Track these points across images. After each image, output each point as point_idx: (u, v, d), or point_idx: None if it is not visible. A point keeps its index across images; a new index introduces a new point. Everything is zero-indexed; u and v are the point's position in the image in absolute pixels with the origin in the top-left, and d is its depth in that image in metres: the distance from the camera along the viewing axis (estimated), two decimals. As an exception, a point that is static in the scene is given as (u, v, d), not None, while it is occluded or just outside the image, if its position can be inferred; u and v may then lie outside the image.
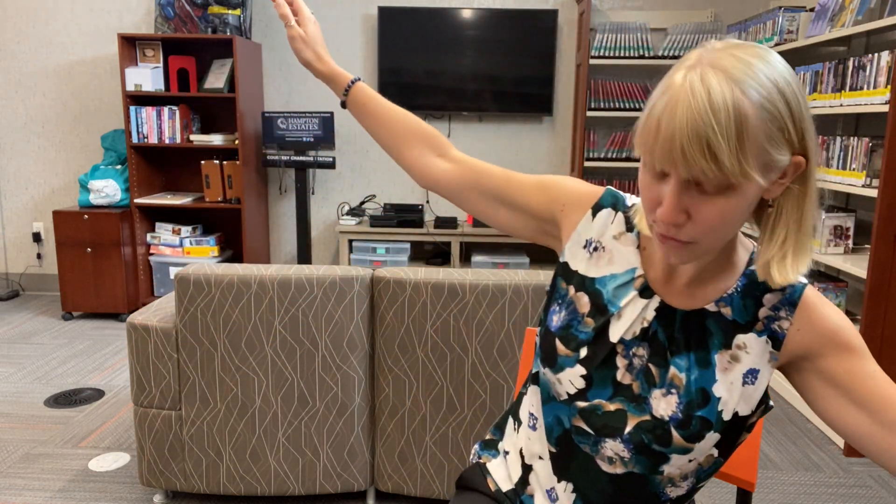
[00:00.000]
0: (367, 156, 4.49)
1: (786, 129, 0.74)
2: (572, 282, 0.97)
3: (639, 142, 0.78)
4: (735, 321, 0.88)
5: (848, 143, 2.70)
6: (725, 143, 0.71)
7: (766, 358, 0.88)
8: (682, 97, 0.72)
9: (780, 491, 2.33)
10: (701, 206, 0.76)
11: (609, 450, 0.92)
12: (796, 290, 0.87)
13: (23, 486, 2.27)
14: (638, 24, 4.08)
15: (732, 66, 0.73)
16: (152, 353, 2.02)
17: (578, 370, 0.93)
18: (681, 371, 0.89)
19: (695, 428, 0.87)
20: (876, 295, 2.46)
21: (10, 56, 4.39)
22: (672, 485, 0.93)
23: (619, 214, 0.97)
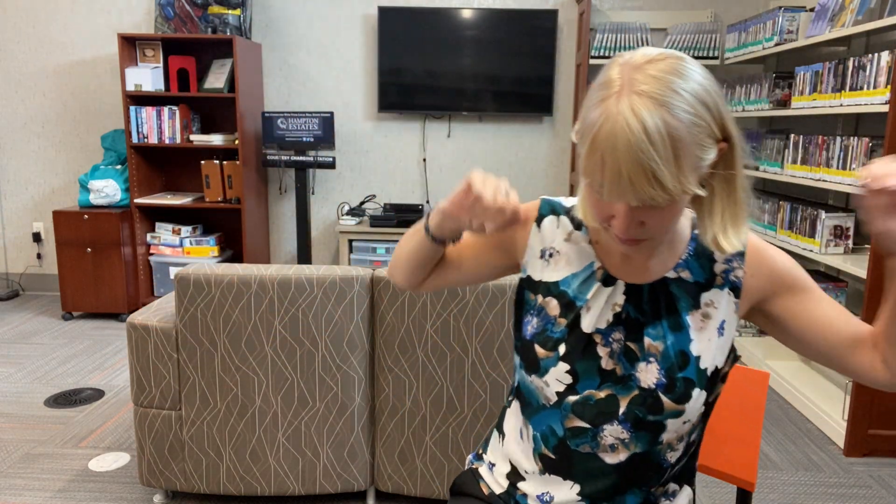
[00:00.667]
0: (367, 156, 4.49)
1: (711, 130, 0.82)
2: (539, 291, 1.02)
3: (585, 173, 0.83)
4: (697, 282, 0.97)
5: (848, 143, 2.70)
6: (667, 169, 0.78)
7: (731, 308, 0.97)
8: (620, 131, 0.77)
9: (780, 491, 2.33)
10: (651, 215, 0.83)
11: (609, 437, 0.97)
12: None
13: (23, 486, 2.27)
14: (638, 24, 4.08)
15: (655, 89, 0.78)
16: (152, 353, 2.02)
17: (562, 367, 0.97)
18: (655, 339, 0.95)
19: (680, 389, 0.93)
20: (876, 295, 2.46)
21: (10, 56, 4.39)
22: (671, 449, 0.99)
23: (562, 218, 1.04)
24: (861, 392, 2.54)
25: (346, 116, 4.44)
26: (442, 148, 4.45)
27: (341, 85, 4.41)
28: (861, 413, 2.55)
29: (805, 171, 3.04)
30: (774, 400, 3.09)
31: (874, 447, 2.57)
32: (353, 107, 4.43)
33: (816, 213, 2.92)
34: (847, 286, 2.93)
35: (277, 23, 4.35)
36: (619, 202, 0.82)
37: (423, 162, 4.47)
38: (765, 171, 3.45)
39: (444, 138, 4.44)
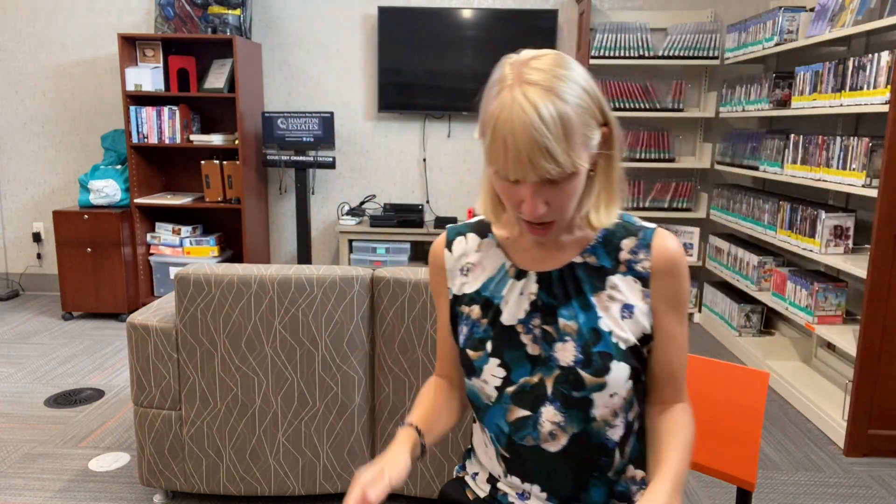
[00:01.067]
0: (368, 156, 4.49)
1: (594, 113, 0.94)
2: (464, 302, 1.10)
3: (490, 159, 0.93)
4: (602, 266, 1.04)
5: (848, 143, 2.70)
6: (558, 145, 0.88)
7: (639, 295, 1.03)
8: (517, 117, 0.88)
9: (780, 491, 2.33)
10: (554, 194, 0.93)
11: (546, 422, 1.02)
12: (647, 234, 1.03)
13: (23, 486, 2.27)
14: (638, 24, 4.08)
15: (543, 79, 0.90)
16: (152, 353, 2.02)
17: (493, 362, 1.04)
18: (569, 319, 1.02)
19: (597, 363, 0.99)
20: (876, 295, 2.46)
21: (10, 56, 4.39)
22: (609, 426, 1.03)
23: (468, 235, 1.13)
24: (861, 392, 2.54)
25: (346, 116, 4.44)
26: (442, 148, 4.45)
27: (341, 85, 4.41)
28: (861, 413, 2.55)
29: (805, 171, 3.04)
30: (774, 400, 3.09)
31: (874, 447, 2.57)
32: (353, 107, 4.43)
33: (816, 213, 2.92)
34: (847, 286, 2.93)
35: (277, 23, 4.35)
36: (523, 180, 0.91)
37: (423, 162, 4.47)
38: (765, 171, 3.45)
39: (444, 138, 4.44)
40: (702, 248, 4.33)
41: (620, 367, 0.99)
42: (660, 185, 4.26)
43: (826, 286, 2.90)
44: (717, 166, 4.09)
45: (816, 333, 3.07)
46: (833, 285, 2.90)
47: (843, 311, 2.92)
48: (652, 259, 1.02)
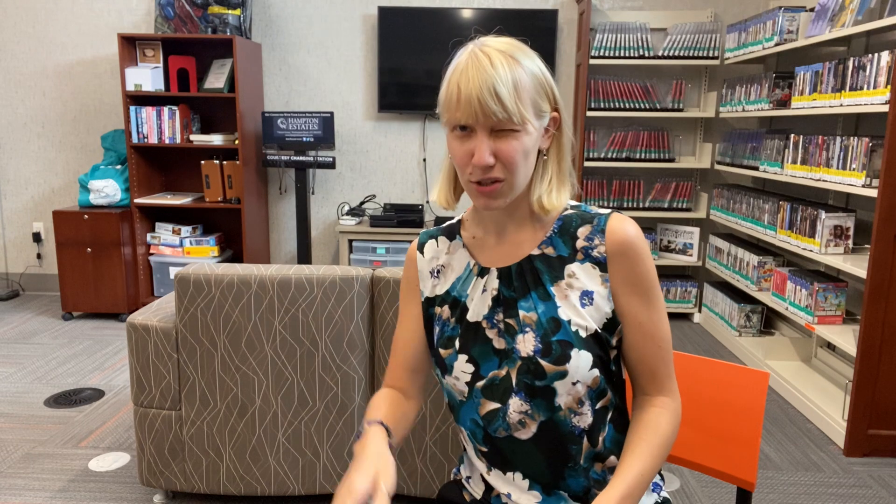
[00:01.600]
0: (367, 156, 4.49)
1: (546, 89, 1.01)
2: (436, 304, 1.13)
3: (443, 111, 1.00)
4: (560, 256, 1.06)
5: (848, 143, 2.70)
6: (507, 90, 0.94)
7: (597, 280, 1.04)
8: (471, 66, 0.96)
9: (780, 491, 2.33)
10: (502, 146, 0.97)
11: (514, 413, 1.04)
12: (602, 220, 1.05)
13: (23, 486, 2.27)
14: (638, 24, 4.08)
15: (502, 46, 0.98)
16: (152, 353, 2.02)
17: (462, 358, 1.07)
18: (528, 311, 1.04)
19: (557, 352, 1.01)
20: (876, 295, 2.46)
21: (10, 56, 4.39)
22: (574, 414, 1.04)
23: (439, 238, 1.17)
24: (861, 392, 2.54)
25: (346, 116, 4.44)
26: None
27: (341, 85, 4.41)
28: (861, 413, 2.55)
29: (805, 171, 3.04)
30: (774, 400, 3.09)
31: (874, 447, 2.57)
32: (353, 107, 4.43)
33: (816, 213, 2.92)
34: (847, 286, 2.93)
35: (277, 23, 4.35)
36: (472, 125, 0.97)
37: (423, 162, 4.47)
38: (765, 171, 3.45)
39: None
40: (702, 248, 4.33)
41: (581, 356, 1.01)
42: (660, 185, 4.26)
43: (826, 286, 2.90)
44: (717, 166, 4.09)
45: (816, 333, 3.07)
46: (833, 285, 2.90)
47: (843, 311, 2.92)
48: (607, 242, 1.03)
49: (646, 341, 1.05)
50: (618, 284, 1.03)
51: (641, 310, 1.04)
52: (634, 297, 1.04)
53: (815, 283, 2.91)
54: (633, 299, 1.04)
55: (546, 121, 1.02)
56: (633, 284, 1.03)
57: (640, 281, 1.03)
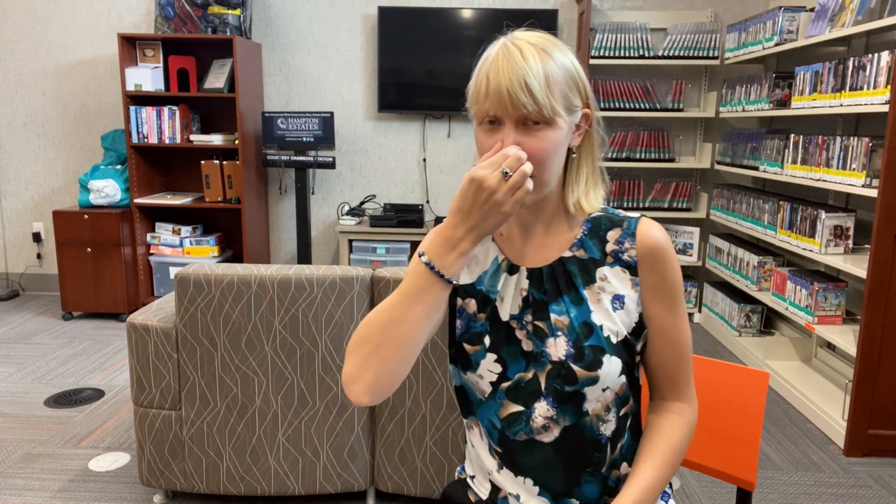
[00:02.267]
0: (367, 156, 4.49)
1: (578, 84, 0.98)
2: (458, 294, 1.09)
3: (472, 102, 0.98)
4: (591, 258, 1.04)
5: (848, 143, 2.70)
6: (538, 83, 0.92)
7: (628, 284, 1.03)
8: (502, 57, 0.94)
9: (780, 491, 2.33)
10: (530, 140, 0.94)
11: (539, 417, 1.02)
12: (632, 223, 1.04)
13: (23, 486, 2.27)
14: (638, 24, 4.08)
15: (534, 39, 0.96)
16: (152, 353, 2.02)
17: (490, 357, 1.04)
18: (560, 315, 1.02)
19: (589, 357, 0.99)
20: (876, 295, 2.46)
21: (10, 56, 4.39)
22: (602, 421, 1.03)
23: None
24: (861, 392, 2.54)
25: (346, 116, 4.44)
26: (442, 148, 4.45)
27: (341, 85, 4.41)
28: (861, 413, 2.55)
29: (805, 171, 3.04)
30: (774, 400, 3.09)
31: (874, 447, 2.57)
32: (353, 107, 4.43)
33: (816, 213, 2.92)
34: (847, 286, 2.93)
35: (277, 23, 4.35)
36: (501, 117, 0.94)
37: (423, 162, 4.47)
38: (765, 171, 3.45)
39: (444, 138, 4.44)
40: (702, 248, 4.33)
41: (612, 361, 0.99)
42: (660, 185, 4.26)
43: (826, 286, 2.90)
44: (717, 166, 4.09)
45: (816, 333, 3.07)
46: (833, 285, 2.90)
47: (843, 311, 2.92)
48: (638, 247, 1.02)
49: (668, 347, 1.04)
50: (646, 289, 1.03)
51: (666, 315, 1.03)
52: (661, 303, 1.03)
53: (815, 283, 2.91)
54: (659, 304, 1.03)
55: (577, 117, 0.99)
56: (661, 289, 1.03)
57: (667, 286, 1.03)
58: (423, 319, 0.93)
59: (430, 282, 0.93)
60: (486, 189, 0.89)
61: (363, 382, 0.94)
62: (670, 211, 4.25)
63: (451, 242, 0.92)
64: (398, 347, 0.93)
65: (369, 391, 0.94)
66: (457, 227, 0.91)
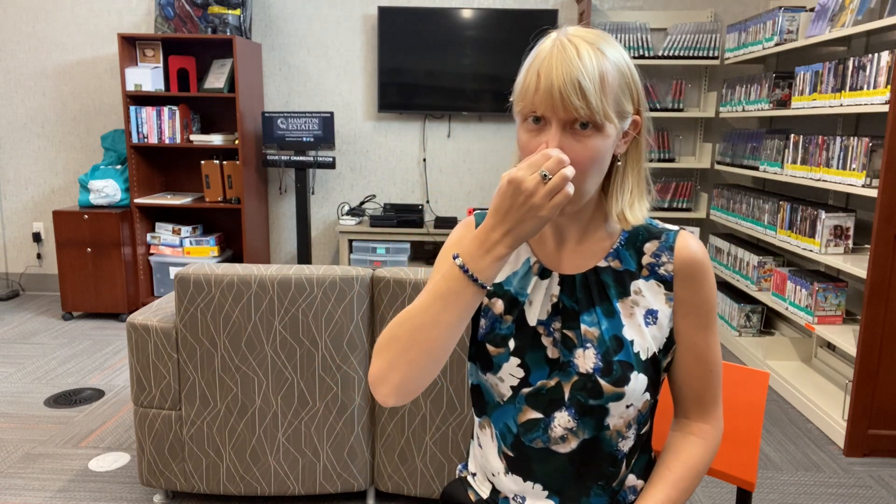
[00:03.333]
0: (367, 156, 4.49)
1: (631, 88, 0.93)
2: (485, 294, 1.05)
3: (518, 99, 0.93)
4: (627, 270, 1.00)
5: (848, 143, 2.70)
6: (592, 86, 0.87)
7: (662, 299, 1.00)
8: (556, 55, 0.89)
9: (780, 491, 2.33)
10: (576, 145, 0.89)
11: (558, 427, 0.99)
12: (671, 236, 1.01)
13: (23, 486, 2.27)
14: (638, 24, 4.08)
15: (590, 37, 0.91)
16: (152, 353, 2.02)
17: (513, 361, 1.01)
18: (591, 326, 0.98)
19: (617, 372, 0.96)
20: (876, 295, 2.46)
21: (10, 56, 4.39)
22: (621, 437, 1.00)
23: None
24: (861, 392, 2.54)
25: (346, 116, 4.44)
26: (442, 148, 4.45)
27: (341, 85, 4.41)
28: (861, 413, 2.55)
29: (805, 171, 3.04)
30: (774, 400, 3.09)
31: (874, 447, 2.57)
32: (353, 107, 4.43)
33: (816, 213, 2.92)
34: (847, 286, 2.93)
35: (277, 23, 4.35)
36: (549, 118, 0.89)
37: (423, 162, 4.47)
38: (765, 171, 3.45)
39: (444, 138, 4.44)
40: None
41: (639, 379, 0.97)
42: (660, 185, 4.26)
43: (826, 286, 2.90)
44: (717, 166, 4.09)
45: (816, 333, 3.07)
46: (833, 285, 2.90)
47: (843, 311, 2.92)
48: (675, 261, 0.99)
49: (697, 364, 1.02)
50: (679, 304, 0.99)
51: (699, 332, 1.00)
52: (694, 319, 1.00)
53: (815, 283, 2.91)
54: (692, 321, 1.00)
55: (627, 123, 0.94)
56: (695, 305, 0.99)
57: (702, 303, 1.00)
58: (454, 324, 0.90)
59: (462, 285, 0.88)
60: (524, 192, 0.84)
61: (390, 384, 0.92)
62: (670, 211, 4.25)
63: (487, 245, 0.87)
64: (428, 351, 0.90)
65: (396, 393, 0.92)
66: (494, 229, 0.87)
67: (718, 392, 1.04)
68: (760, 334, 3.67)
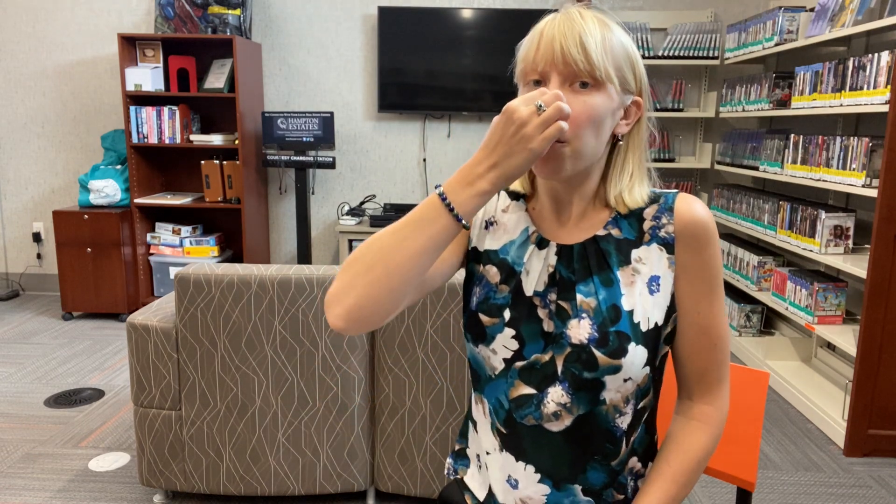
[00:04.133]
0: (367, 156, 4.49)
1: (634, 66, 0.93)
2: (480, 260, 1.04)
3: (520, 61, 0.93)
4: (626, 238, 0.98)
5: (848, 143, 2.70)
6: (594, 42, 0.88)
7: (664, 264, 0.96)
8: (560, 17, 0.91)
9: (780, 491, 2.33)
10: (574, 100, 0.88)
11: (551, 402, 0.96)
12: (669, 198, 0.98)
13: (23, 486, 2.27)
14: (638, 24, 4.08)
15: (597, 13, 0.93)
16: (152, 353, 2.02)
17: (508, 332, 0.98)
18: (587, 296, 0.95)
19: (614, 343, 0.92)
20: (876, 295, 2.46)
21: (10, 56, 4.39)
22: (618, 413, 0.97)
23: (501, 193, 1.07)
24: (861, 392, 2.54)
25: (346, 116, 4.44)
26: (442, 148, 4.45)
27: (341, 85, 4.41)
28: (861, 413, 2.55)
29: (805, 171, 3.04)
30: (774, 400, 3.09)
31: (874, 447, 2.57)
32: (353, 107, 4.43)
33: (816, 213, 2.92)
34: (847, 286, 2.93)
35: (277, 23, 4.35)
36: (549, 72, 0.89)
37: (423, 162, 4.47)
38: (765, 171, 3.45)
39: (444, 138, 4.44)
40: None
41: (638, 351, 0.92)
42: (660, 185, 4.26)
43: (826, 286, 2.90)
44: (717, 166, 4.09)
45: (816, 333, 3.07)
46: (833, 285, 2.90)
47: (843, 311, 2.92)
48: (675, 222, 0.95)
49: (700, 336, 0.97)
50: (681, 268, 0.95)
51: (702, 300, 0.96)
52: (696, 285, 0.95)
53: (815, 283, 2.91)
54: (694, 287, 0.95)
55: (629, 100, 0.94)
56: (697, 269, 0.95)
57: (705, 267, 0.95)
58: (422, 251, 0.85)
59: (437, 213, 0.85)
60: (517, 121, 0.81)
61: (343, 305, 0.86)
62: (670, 211, 4.24)
63: (470, 178, 0.84)
64: (388, 274, 0.85)
65: (347, 315, 0.86)
66: (480, 162, 0.84)
67: (724, 370, 0.99)
68: (760, 334, 3.67)
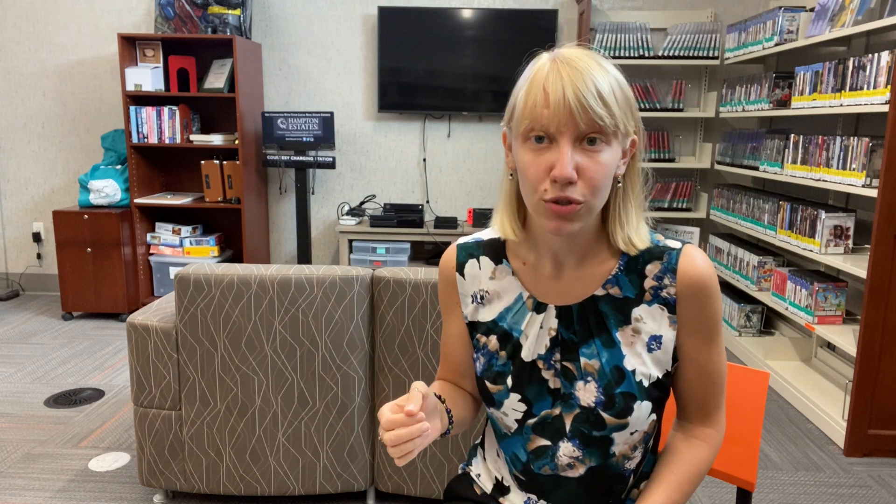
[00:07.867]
0: (367, 156, 4.49)
1: (632, 105, 0.91)
2: (479, 331, 1.05)
3: (519, 119, 0.87)
4: (626, 297, 0.97)
5: (848, 143, 2.70)
6: (611, 91, 0.85)
7: (665, 323, 0.96)
8: (562, 69, 0.85)
9: (780, 491, 2.33)
10: (587, 162, 0.86)
11: (564, 456, 1.00)
12: (673, 256, 0.96)
13: (23, 486, 2.27)
14: (638, 24, 4.08)
15: (588, 54, 0.88)
16: (152, 353, 2.02)
17: (514, 397, 1.00)
18: (590, 358, 0.96)
19: (620, 404, 0.94)
20: (876, 295, 2.46)
21: (10, 56, 4.39)
22: (627, 459, 1.01)
23: (481, 258, 1.05)
24: (861, 392, 2.54)
25: (346, 116, 4.44)
26: (442, 148, 4.45)
27: (341, 85, 4.41)
28: (861, 413, 2.55)
29: (805, 171, 3.04)
30: (774, 400, 3.09)
31: (874, 447, 2.57)
32: (353, 107, 4.43)
33: (816, 213, 2.92)
34: (847, 286, 2.93)
35: (277, 23, 4.35)
36: (561, 133, 0.85)
37: (423, 162, 4.47)
38: (765, 171, 3.45)
39: (444, 138, 4.44)
40: (702, 248, 4.33)
41: (643, 407, 0.95)
42: (660, 185, 4.26)
43: (826, 286, 2.90)
44: (717, 166, 4.09)
45: (816, 333, 3.07)
46: (833, 285, 2.90)
47: (843, 311, 2.92)
48: (678, 283, 0.95)
49: (700, 377, 1.00)
50: (683, 324, 0.96)
51: (702, 348, 0.98)
52: (697, 336, 0.97)
53: (815, 283, 2.91)
54: (695, 338, 0.97)
55: (628, 142, 0.92)
56: (698, 323, 0.96)
57: (706, 320, 0.96)
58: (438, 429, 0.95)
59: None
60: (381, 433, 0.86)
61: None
62: (670, 211, 4.25)
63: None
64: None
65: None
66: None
67: (722, 399, 1.03)
68: (760, 334, 3.67)
